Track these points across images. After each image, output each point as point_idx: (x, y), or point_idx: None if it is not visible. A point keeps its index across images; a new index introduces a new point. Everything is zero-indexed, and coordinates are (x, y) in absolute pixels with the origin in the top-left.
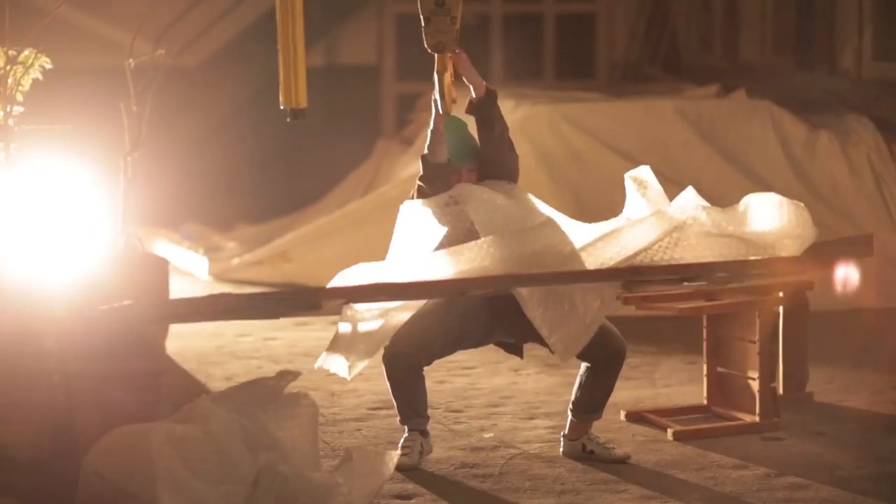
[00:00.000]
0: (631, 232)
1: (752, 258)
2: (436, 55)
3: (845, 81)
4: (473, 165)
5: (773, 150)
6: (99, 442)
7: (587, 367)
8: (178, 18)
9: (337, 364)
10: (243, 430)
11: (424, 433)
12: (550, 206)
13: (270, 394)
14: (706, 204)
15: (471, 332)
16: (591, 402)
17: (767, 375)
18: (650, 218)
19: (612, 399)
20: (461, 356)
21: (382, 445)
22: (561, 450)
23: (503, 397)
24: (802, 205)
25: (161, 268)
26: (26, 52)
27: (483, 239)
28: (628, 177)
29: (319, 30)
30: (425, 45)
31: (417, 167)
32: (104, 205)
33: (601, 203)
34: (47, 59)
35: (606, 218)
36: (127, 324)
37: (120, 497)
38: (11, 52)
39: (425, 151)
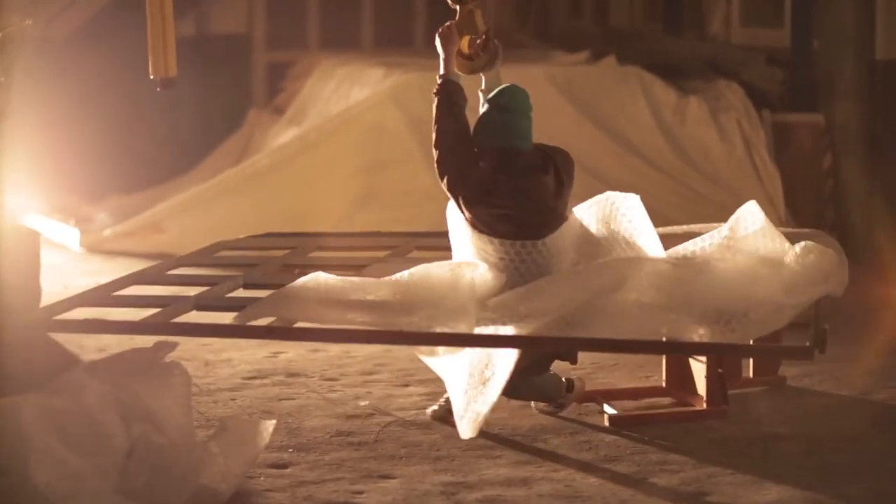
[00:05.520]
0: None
1: None
2: (457, 8)
3: (714, 47)
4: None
5: (643, 117)
6: None
7: None
8: None
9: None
10: (117, 402)
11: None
12: (425, 174)
13: (144, 364)
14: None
15: None
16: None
17: (714, 359)
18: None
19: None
20: None
21: (257, 415)
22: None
23: (377, 365)
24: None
25: (32, 240)
26: None
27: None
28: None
29: None
30: None
31: (288, 137)
32: None
33: None
34: None
35: None
36: None
37: None
38: None
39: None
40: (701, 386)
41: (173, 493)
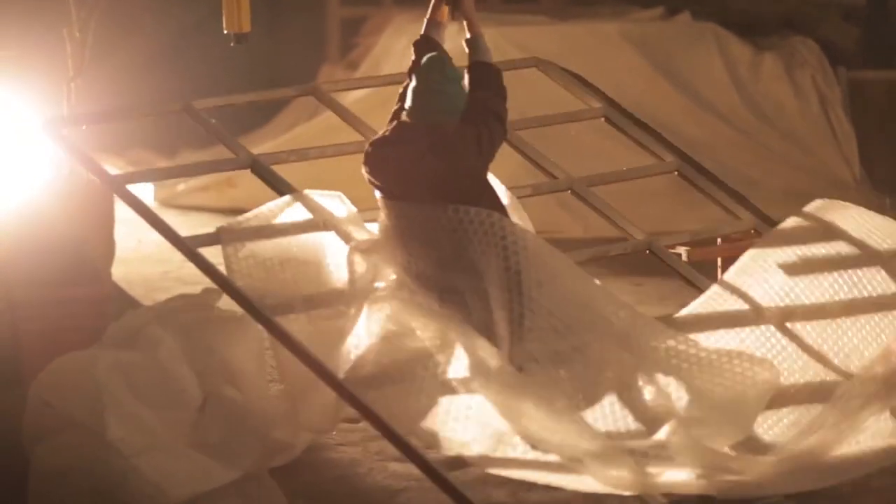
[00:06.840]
0: None
1: None
2: None
3: (790, 3)
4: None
5: (718, 73)
6: (45, 370)
7: None
8: None
9: None
10: (190, 355)
11: None
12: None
13: (218, 318)
14: None
15: None
16: None
17: None
18: None
19: None
20: None
21: None
22: None
23: None
24: None
25: (106, 195)
26: None
27: None
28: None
29: None
30: None
31: (361, 93)
32: None
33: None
34: None
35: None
36: (72, 251)
37: (67, 425)
38: None
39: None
40: None
41: (246, 447)
